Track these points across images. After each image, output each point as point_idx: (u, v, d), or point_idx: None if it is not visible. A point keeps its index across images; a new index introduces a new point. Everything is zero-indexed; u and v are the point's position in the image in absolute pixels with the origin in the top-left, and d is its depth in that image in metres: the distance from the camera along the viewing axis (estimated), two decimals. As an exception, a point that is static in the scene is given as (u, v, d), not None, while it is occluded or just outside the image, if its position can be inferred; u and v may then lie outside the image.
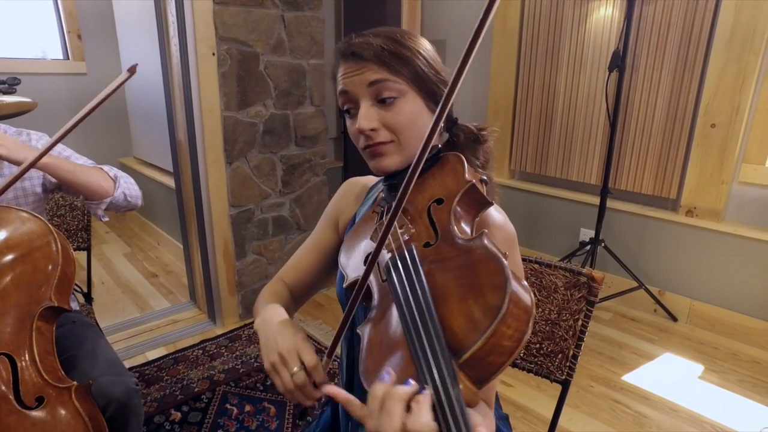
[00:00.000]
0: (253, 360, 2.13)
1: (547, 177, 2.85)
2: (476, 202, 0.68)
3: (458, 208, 0.65)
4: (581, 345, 0.99)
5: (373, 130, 0.72)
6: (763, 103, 2.10)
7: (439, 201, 0.67)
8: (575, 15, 2.53)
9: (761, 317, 2.22)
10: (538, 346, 1.03)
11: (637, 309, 2.55)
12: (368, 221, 0.76)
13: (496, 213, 0.75)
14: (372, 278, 0.65)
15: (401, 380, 0.50)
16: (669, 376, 2.06)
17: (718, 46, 2.13)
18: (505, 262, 0.51)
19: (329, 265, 0.94)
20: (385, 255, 0.64)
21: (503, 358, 0.47)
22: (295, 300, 0.93)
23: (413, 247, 0.61)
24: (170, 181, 2.95)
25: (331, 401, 0.96)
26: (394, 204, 0.60)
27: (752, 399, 1.92)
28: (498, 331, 0.46)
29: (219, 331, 2.34)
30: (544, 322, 1.02)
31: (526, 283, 0.52)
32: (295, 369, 0.64)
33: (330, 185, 2.70)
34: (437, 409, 0.46)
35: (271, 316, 0.74)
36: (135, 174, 3.55)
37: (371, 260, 0.62)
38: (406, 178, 0.59)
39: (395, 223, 0.66)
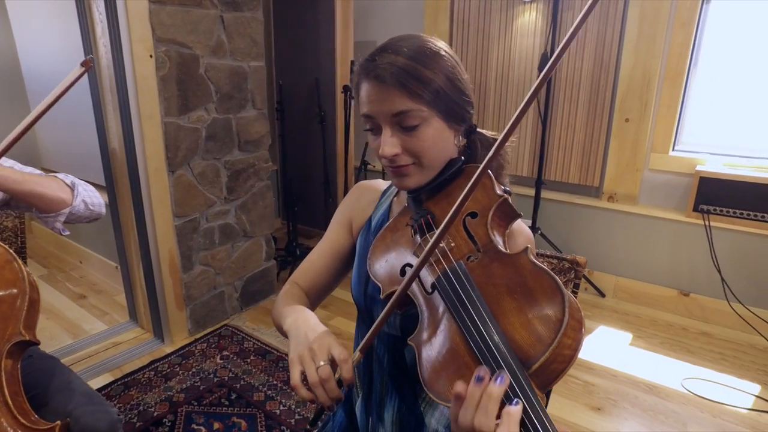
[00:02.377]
0: (212, 375, 2.05)
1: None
2: (507, 215, 0.72)
3: (493, 222, 0.69)
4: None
5: (396, 155, 0.73)
6: (665, 100, 2.40)
7: (473, 215, 0.71)
8: (501, 20, 2.70)
9: (671, 286, 2.54)
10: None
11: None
12: (397, 231, 0.78)
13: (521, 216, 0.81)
14: (415, 290, 0.67)
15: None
16: (606, 346, 2.29)
17: (627, 49, 2.39)
18: (555, 275, 0.56)
19: (343, 266, 0.95)
20: (430, 270, 0.66)
21: (564, 365, 0.52)
22: (311, 303, 0.93)
23: (462, 263, 0.64)
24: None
25: (346, 401, 0.98)
26: (439, 230, 0.62)
27: (672, 357, 2.20)
28: (561, 343, 0.51)
29: (169, 350, 2.21)
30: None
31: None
32: (322, 362, 0.64)
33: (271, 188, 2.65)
34: (527, 420, 0.50)
35: (303, 317, 0.74)
36: (45, 187, 3.21)
37: (412, 276, 0.63)
38: (452, 211, 0.61)
39: (435, 233, 0.69)
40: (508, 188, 0.75)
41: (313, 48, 3.07)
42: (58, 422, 0.92)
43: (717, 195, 2.30)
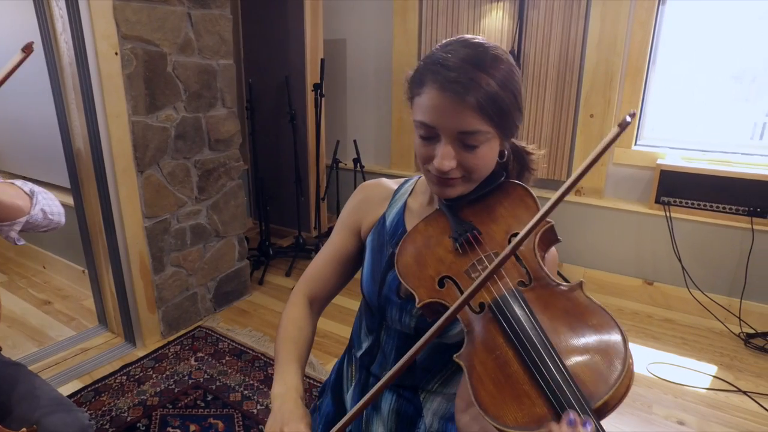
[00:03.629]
0: (186, 378, 2.02)
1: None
2: (550, 240, 0.73)
3: (539, 247, 0.69)
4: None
5: (451, 169, 0.71)
6: (627, 96, 2.49)
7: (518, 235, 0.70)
8: (470, 17, 2.74)
9: (636, 275, 2.64)
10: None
11: (540, 280, 2.87)
12: (431, 239, 0.76)
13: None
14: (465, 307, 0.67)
15: (541, 421, 0.54)
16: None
17: (591, 47, 2.47)
18: (610, 315, 0.57)
19: (350, 271, 0.95)
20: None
21: (618, 402, 0.54)
22: (316, 311, 0.93)
23: (520, 290, 0.64)
24: (57, 195, 2.63)
25: (332, 389, 0.98)
26: (502, 256, 0.60)
27: (638, 343, 2.29)
28: (621, 385, 0.53)
29: (141, 353, 2.17)
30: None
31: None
32: None
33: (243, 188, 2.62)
34: None
35: (287, 392, 0.77)
36: (3, 190, 3.08)
37: (467, 297, 0.61)
38: (515, 243, 0.60)
39: (488, 252, 0.69)
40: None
41: (283, 46, 3.05)
42: (24, 429, 0.90)
43: (676, 187, 2.40)
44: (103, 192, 2.00)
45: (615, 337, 0.56)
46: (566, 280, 2.72)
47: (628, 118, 0.53)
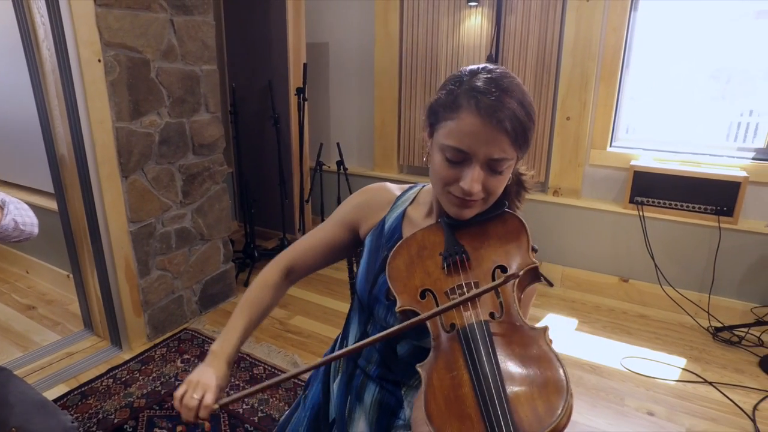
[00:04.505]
0: (172, 379, 2.05)
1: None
2: (532, 279, 0.77)
3: (519, 282, 0.73)
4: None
5: (477, 191, 0.75)
6: (602, 99, 2.57)
7: (503, 268, 0.75)
8: (449, 22, 2.80)
9: (612, 273, 2.73)
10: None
11: (520, 279, 2.94)
12: (424, 250, 0.80)
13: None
14: (436, 321, 0.72)
15: None
16: (553, 332, 2.44)
17: (566, 52, 2.55)
18: (562, 366, 0.62)
19: (333, 258, 1.01)
20: (454, 312, 0.71)
21: None
22: (290, 281, 1.00)
23: (488, 322, 0.68)
24: (40, 201, 2.64)
25: (322, 377, 1.03)
26: (477, 291, 0.68)
27: (613, 339, 2.38)
28: (557, 426, 0.57)
29: (127, 356, 2.19)
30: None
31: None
32: (195, 396, 0.78)
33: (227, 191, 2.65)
34: None
35: (220, 352, 0.86)
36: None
37: (435, 312, 0.68)
38: (497, 283, 0.67)
39: (469, 281, 0.74)
40: (535, 246, 0.78)
41: (266, 51, 3.08)
42: None
43: (649, 187, 2.49)
44: (87, 197, 2.02)
45: (559, 387, 0.60)
46: (546, 279, 2.81)
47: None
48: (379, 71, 3.10)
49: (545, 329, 0.68)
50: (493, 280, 0.74)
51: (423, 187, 0.97)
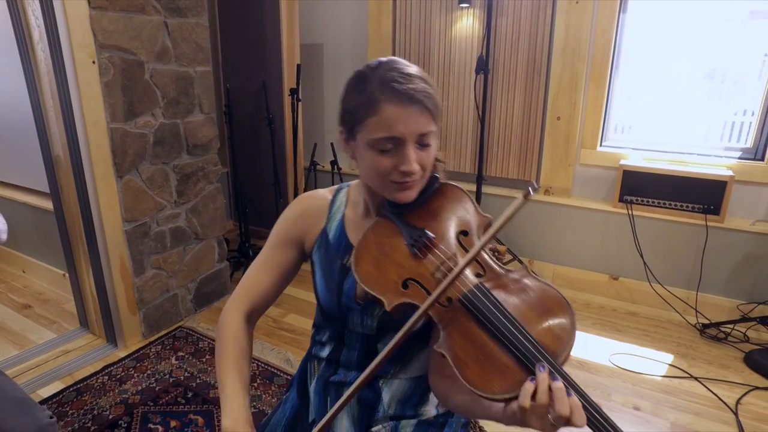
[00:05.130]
0: (167, 376, 2.08)
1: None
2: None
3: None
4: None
5: (417, 170, 0.79)
6: (591, 99, 2.60)
7: (465, 233, 0.81)
8: (441, 23, 2.84)
9: (602, 271, 2.76)
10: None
11: (512, 277, 2.98)
12: (385, 245, 0.83)
13: None
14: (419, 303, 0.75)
15: (522, 383, 0.64)
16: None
17: (557, 53, 2.58)
18: (554, 288, 0.72)
19: (286, 281, 0.99)
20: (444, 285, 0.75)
21: (570, 355, 0.68)
22: (253, 323, 0.98)
23: (483, 283, 0.75)
24: (36, 201, 2.67)
25: (297, 382, 1.05)
26: (466, 259, 0.72)
27: (602, 336, 2.41)
28: (573, 340, 0.68)
29: (122, 354, 2.22)
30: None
31: None
32: None
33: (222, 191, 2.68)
34: (584, 402, 0.65)
35: (237, 422, 0.82)
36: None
37: (437, 294, 0.71)
38: (479, 245, 0.72)
39: (450, 254, 0.79)
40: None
41: (260, 51, 3.10)
42: None
43: (638, 186, 2.53)
44: (82, 197, 2.05)
45: (563, 306, 0.70)
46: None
47: (531, 191, 0.68)
48: (373, 72, 3.13)
49: (526, 266, 0.77)
50: (462, 247, 0.81)
51: (349, 186, 0.98)
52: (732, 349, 2.28)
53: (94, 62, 1.91)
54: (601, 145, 2.68)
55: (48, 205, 2.37)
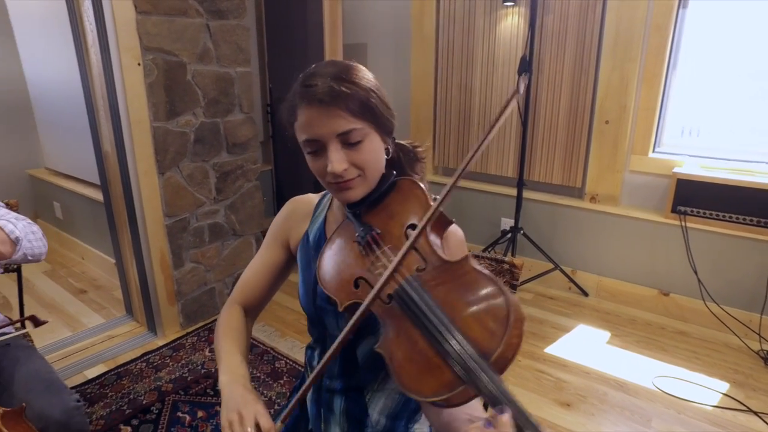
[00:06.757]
0: (199, 367, 2.15)
1: (468, 171, 3.07)
2: (443, 224, 0.80)
3: (432, 232, 0.76)
4: (506, 323, 1.15)
5: (345, 170, 0.78)
6: (643, 102, 2.43)
7: (413, 226, 0.77)
8: (486, 22, 2.75)
9: (649, 285, 2.58)
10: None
11: (554, 288, 2.85)
12: (343, 246, 0.83)
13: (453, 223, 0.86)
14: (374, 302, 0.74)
15: (452, 385, 0.60)
16: (582, 344, 2.34)
17: (606, 52, 2.43)
18: (494, 279, 0.65)
19: (278, 279, 1.01)
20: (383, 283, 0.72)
21: (514, 352, 0.60)
22: (251, 318, 1.00)
23: (415, 276, 0.71)
24: (93, 193, 2.85)
25: (297, 390, 1.05)
26: (400, 253, 0.70)
27: (646, 355, 2.25)
28: (511, 334, 0.60)
29: (161, 342, 2.32)
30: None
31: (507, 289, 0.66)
32: (249, 429, 0.71)
33: (262, 189, 2.74)
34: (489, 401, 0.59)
35: (235, 380, 0.81)
36: (50, 187, 3.35)
37: (376, 291, 0.70)
38: (412, 238, 0.70)
39: (384, 249, 0.77)
40: (436, 196, 0.80)
41: (303, 51, 3.15)
42: (1, 409, 0.99)
43: (694, 197, 2.33)
44: (127, 191, 2.16)
45: (498, 298, 0.63)
46: (580, 288, 2.70)
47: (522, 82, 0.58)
48: (416, 73, 3.09)
49: (467, 256, 0.70)
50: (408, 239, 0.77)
51: None
52: (796, 380, 2.06)
53: (139, 64, 2.01)
54: (653, 151, 2.50)
55: (101, 197, 2.52)
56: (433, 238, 0.76)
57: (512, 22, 2.66)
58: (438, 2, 2.89)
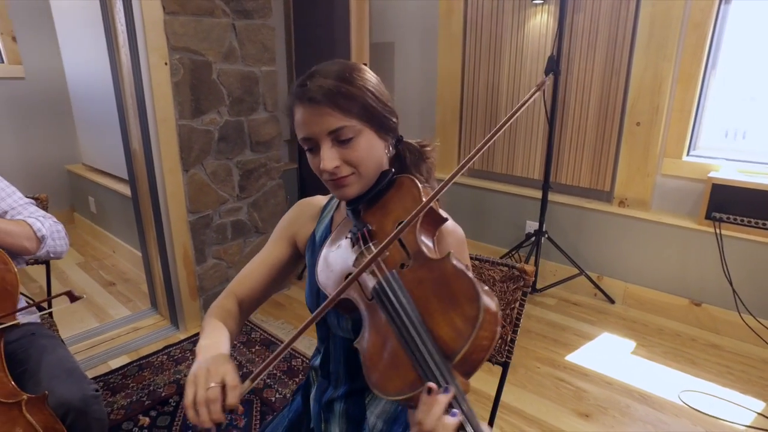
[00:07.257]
0: (218, 362, 2.18)
1: (494, 173, 3.03)
2: (435, 221, 0.79)
3: (421, 229, 0.76)
4: (518, 330, 1.12)
5: (336, 167, 0.79)
6: (678, 104, 2.33)
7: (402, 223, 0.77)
8: (514, 20, 2.69)
9: (680, 294, 2.47)
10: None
11: (579, 293, 2.77)
12: (339, 243, 0.84)
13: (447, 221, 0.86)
14: (357, 297, 0.74)
15: (413, 385, 0.60)
16: (606, 353, 2.27)
17: (639, 51, 2.34)
18: (473, 277, 0.63)
19: (279, 278, 1.01)
20: (369, 278, 0.72)
21: (483, 353, 0.60)
22: (244, 311, 0.99)
23: (395, 272, 0.71)
24: (124, 189, 2.93)
25: (303, 388, 1.06)
26: (380, 248, 0.70)
27: (673, 368, 2.15)
28: (478, 335, 0.58)
29: (182, 336, 2.37)
30: (485, 313, 1.15)
31: (488, 288, 0.63)
32: (212, 384, 0.68)
33: (286, 187, 2.76)
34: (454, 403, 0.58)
35: (215, 342, 0.81)
36: (86, 182, 3.48)
37: (348, 282, 0.70)
38: (395, 231, 0.69)
39: (372, 247, 0.77)
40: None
41: (329, 50, 3.15)
42: (25, 396, 1.03)
43: (730, 202, 2.22)
44: (153, 188, 2.21)
45: (471, 297, 0.61)
46: (606, 295, 2.61)
47: (546, 80, 0.57)
48: (442, 72, 3.06)
49: (449, 254, 0.68)
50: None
51: None
52: (838, 400, 1.93)
53: (166, 63, 2.05)
54: (688, 155, 2.40)
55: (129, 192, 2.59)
56: (423, 235, 0.75)
57: (541, 21, 2.59)
58: (466, 1, 2.85)
